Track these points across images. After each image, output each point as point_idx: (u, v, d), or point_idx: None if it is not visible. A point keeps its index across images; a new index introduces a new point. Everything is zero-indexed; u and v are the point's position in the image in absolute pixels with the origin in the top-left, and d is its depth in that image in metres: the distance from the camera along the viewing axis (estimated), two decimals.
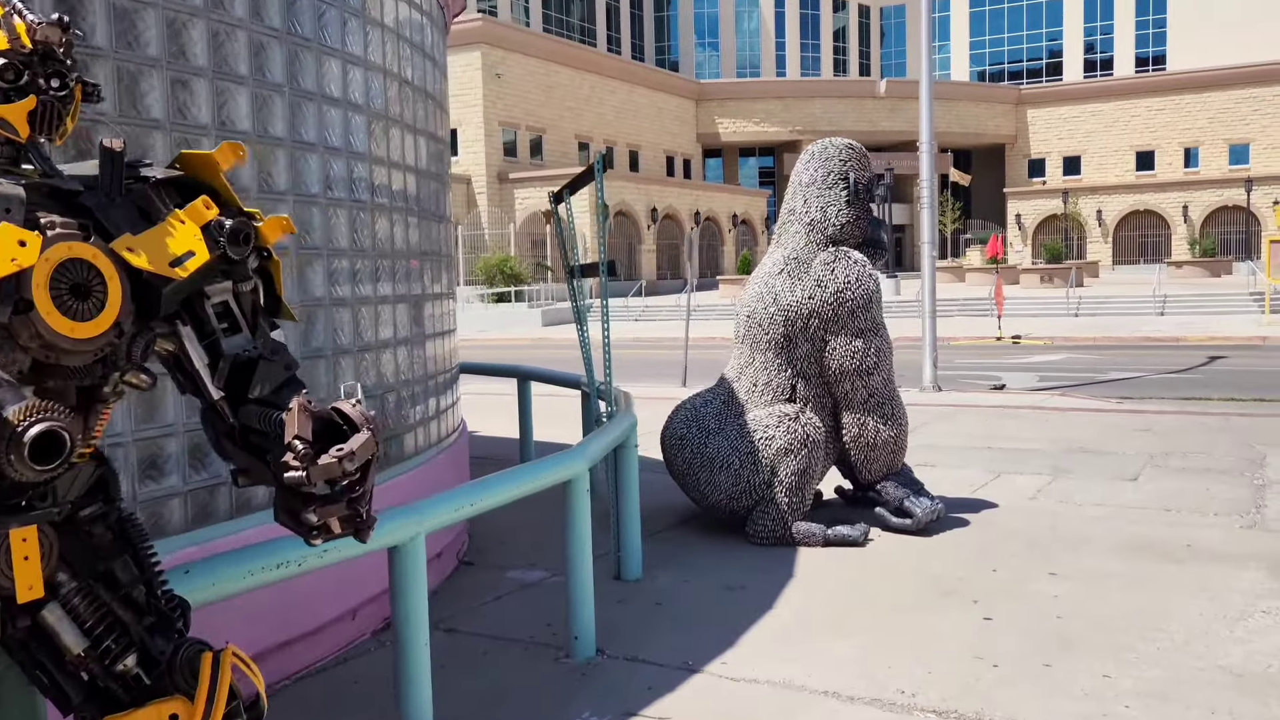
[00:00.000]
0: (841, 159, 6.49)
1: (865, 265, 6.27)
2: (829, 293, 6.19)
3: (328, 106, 5.02)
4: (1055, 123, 68.59)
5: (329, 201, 5.01)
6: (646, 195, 50.09)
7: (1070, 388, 15.54)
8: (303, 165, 4.93)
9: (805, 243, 6.46)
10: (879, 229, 6.59)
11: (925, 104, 15.26)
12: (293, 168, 4.77)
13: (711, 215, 56.07)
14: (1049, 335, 25.88)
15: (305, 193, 4.88)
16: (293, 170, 4.76)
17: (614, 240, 47.98)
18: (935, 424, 11.45)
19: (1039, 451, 9.46)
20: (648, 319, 38.74)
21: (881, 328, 6.33)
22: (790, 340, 6.29)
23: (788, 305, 6.26)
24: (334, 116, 5.10)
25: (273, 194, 4.63)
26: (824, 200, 6.44)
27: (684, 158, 63.40)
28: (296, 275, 4.77)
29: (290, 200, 4.80)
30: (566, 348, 29.10)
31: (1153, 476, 8.17)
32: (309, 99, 4.85)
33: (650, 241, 50.47)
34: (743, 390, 6.47)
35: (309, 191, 4.91)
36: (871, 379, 6.22)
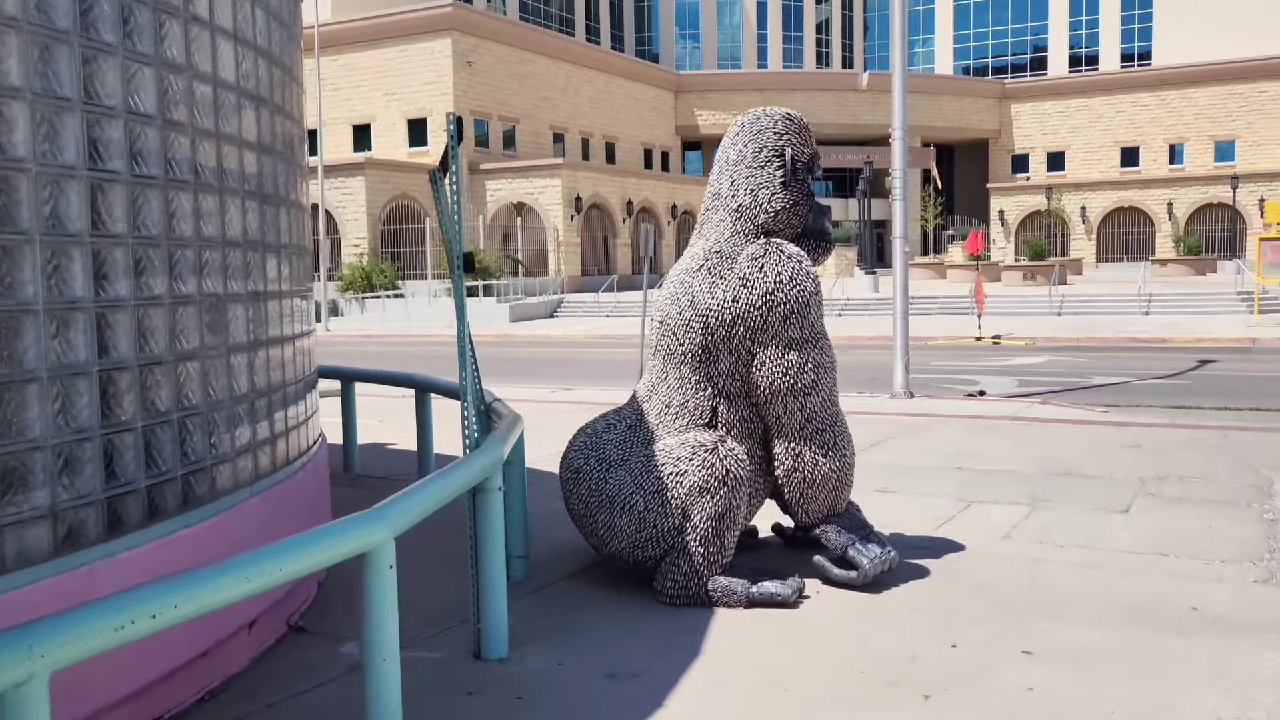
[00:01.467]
0: (776, 131, 5.33)
1: (802, 261, 5.11)
2: (756, 294, 5.03)
3: (95, 52, 3.82)
4: (1039, 118, 67.67)
5: (98, 175, 3.81)
6: (622, 188, 48.84)
7: (1052, 394, 14.44)
8: (58, 125, 3.72)
9: (731, 233, 5.29)
10: (822, 217, 5.43)
11: (898, 91, 14.11)
12: (44, 128, 3.57)
13: (689, 208, 54.81)
14: (1031, 335, 24.83)
15: (57, 163, 3.67)
16: (42, 132, 3.56)
17: (589, 234, 46.76)
18: (902, 438, 10.31)
19: (1016, 474, 8.33)
20: (619, 314, 37.54)
21: (821, 338, 5.17)
22: (710, 352, 5.12)
23: (706, 309, 5.09)
24: (106, 67, 3.89)
25: None
26: (754, 181, 5.27)
27: (662, 150, 62.14)
28: (44, 268, 3.57)
29: (32, 172, 3.59)
30: (533, 345, 27.92)
31: (1146, 508, 7.05)
32: (61, 39, 3.65)
33: (625, 235, 49.21)
34: (653, 412, 5.30)
35: (63, 161, 3.71)
36: (809, 400, 5.06)
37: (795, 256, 5.12)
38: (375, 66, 46.73)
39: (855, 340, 25.21)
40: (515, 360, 22.43)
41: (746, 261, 5.09)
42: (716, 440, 4.98)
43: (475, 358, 6.62)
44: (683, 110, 63.06)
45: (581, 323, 35.22)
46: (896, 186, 13.90)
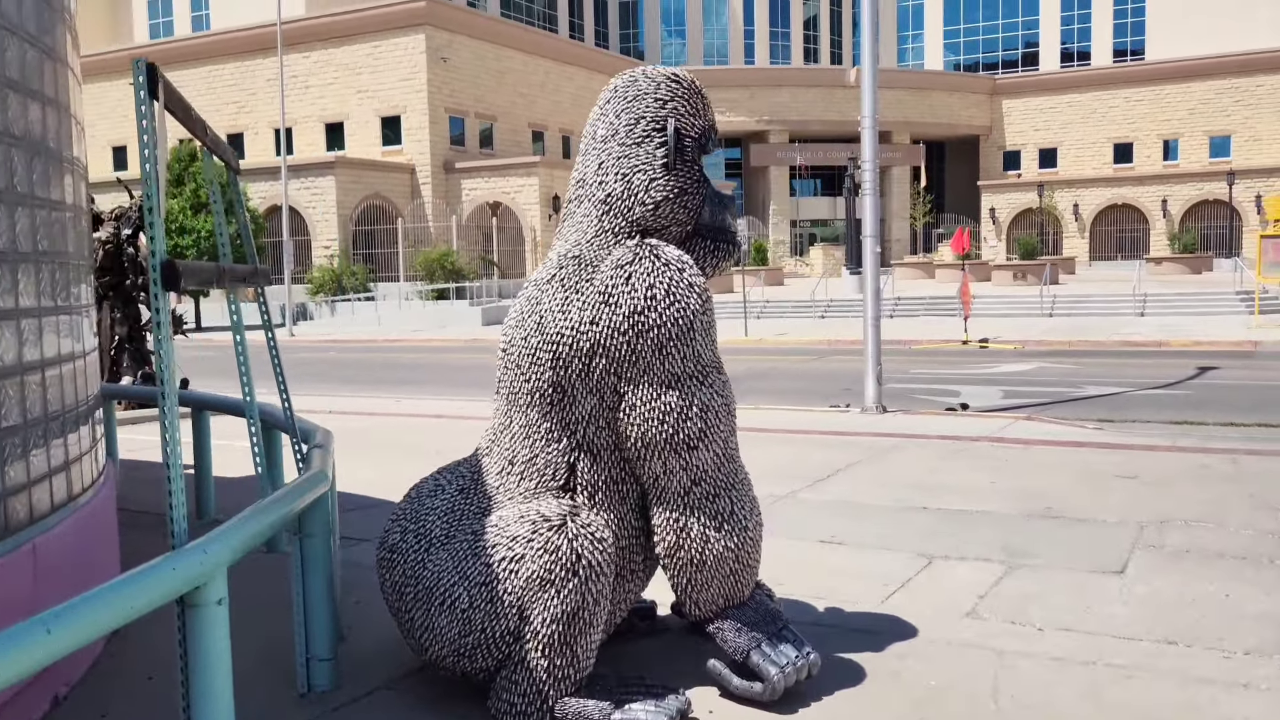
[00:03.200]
0: (658, 98, 4.03)
1: (684, 269, 3.81)
2: (621, 314, 3.73)
3: None
4: (1031, 114, 66.47)
5: None
6: None
7: (1039, 407, 13.16)
8: None
9: (595, 231, 4.00)
10: (722, 210, 4.13)
11: (868, 79, 12.82)
12: None
13: None
14: (1020, 338, 23.56)
15: None
16: None
17: None
18: (864, 466, 9.01)
19: (990, 516, 7.02)
20: None
21: (711, 372, 3.87)
22: (564, 392, 3.83)
23: (557, 334, 3.79)
24: None
25: None
26: (628, 163, 3.98)
27: None
28: None
29: None
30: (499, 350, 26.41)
31: (1146, 566, 5.74)
32: None
33: None
34: (493, 471, 4.00)
35: None
36: (695, 456, 3.77)
37: (675, 263, 3.81)
38: (348, 63, 45.38)
39: (836, 344, 23.93)
40: (471, 367, 21.10)
41: (610, 270, 3.79)
42: (566, 513, 3.67)
43: (283, 379, 5.31)
44: None
45: None
46: (866, 181, 12.61)
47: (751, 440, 10.62)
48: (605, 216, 3.99)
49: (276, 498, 3.69)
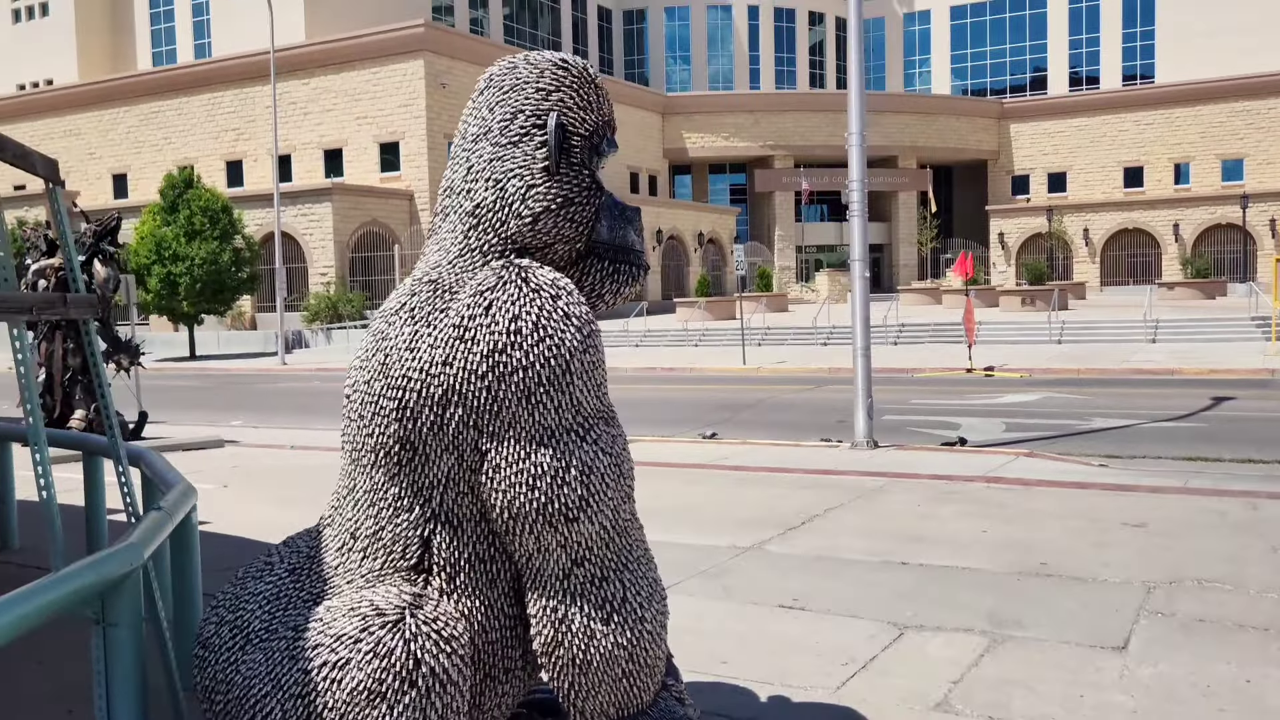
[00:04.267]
0: (539, 88, 3.29)
1: (559, 297, 3.06)
2: (478, 353, 2.98)
3: None
4: (1039, 138, 65.77)
5: None
6: None
7: (1042, 442, 12.33)
8: None
9: (460, 249, 3.26)
10: (624, 225, 3.38)
11: (855, 93, 12.11)
12: None
13: (676, 234, 52.93)
14: (1027, 366, 22.71)
15: None
16: None
17: None
18: (846, 511, 8.20)
19: (978, 574, 6.21)
20: None
21: (596, 424, 3.11)
22: (414, 449, 3.08)
23: (404, 377, 3.05)
24: None
25: None
26: (501, 167, 3.24)
27: (649, 173, 60.28)
28: None
29: None
30: None
31: (1152, 641, 4.93)
32: None
33: None
34: (333, 546, 3.25)
35: None
36: (577, 529, 3.01)
37: (548, 289, 3.06)
38: (347, 89, 45.03)
39: (836, 373, 23.12)
40: None
41: (468, 298, 3.04)
42: (406, 605, 2.91)
43: (112, 421, 4.56)
44: (671, 133, 61.30)
45: None
46: (854, 202, 11.86)
47: (727, 480, 9.86)
48: (473, 232, 3.25)
49: (41, 584, 2.92)
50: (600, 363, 3.15)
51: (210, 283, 35.40)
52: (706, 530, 7.61)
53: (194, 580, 4.54)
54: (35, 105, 53.98)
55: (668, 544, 7.19)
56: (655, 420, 15.94)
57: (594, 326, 3.13)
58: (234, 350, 38.37)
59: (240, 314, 41.48)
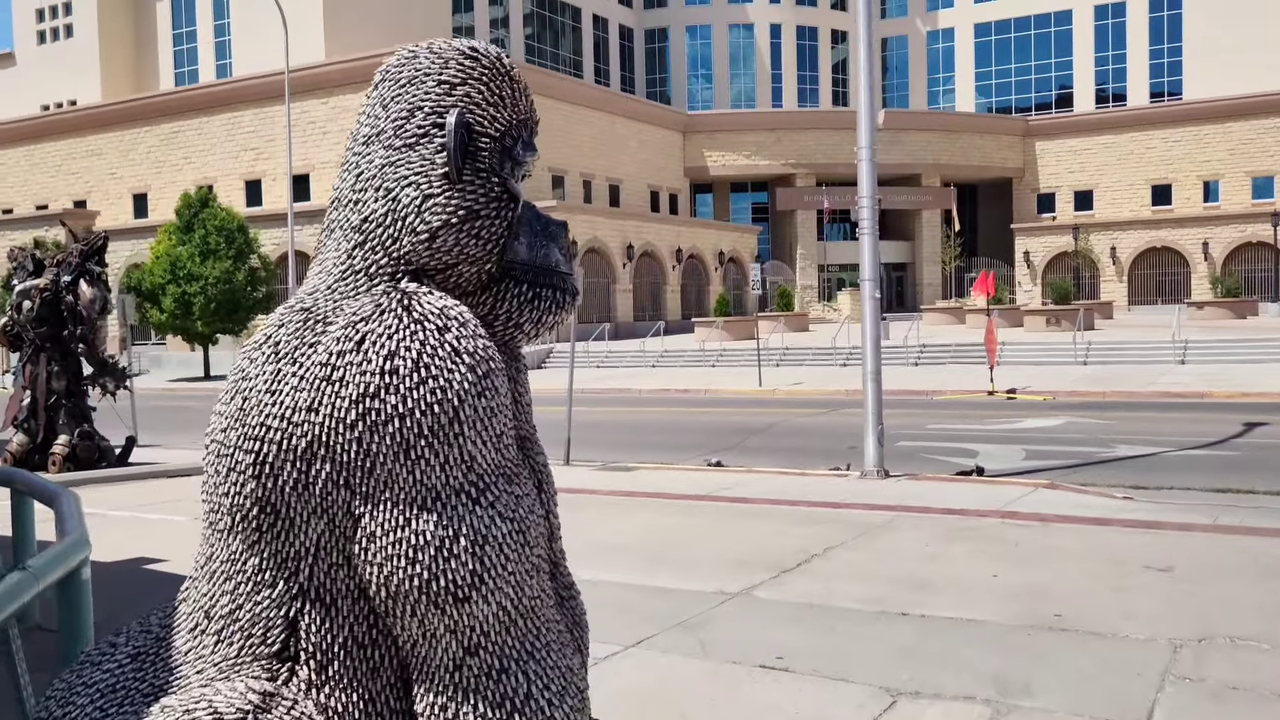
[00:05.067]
0: (444, 80, 2.75)
1: (449, 331, 2.52)
2: (347, 397, 2.44)
3: None
4: (1065, 155, 64.92)
5: None
6: (622, 231, 46.54)
7: (1064, 471, 11.70)
8: None
9: (343, 272, 2.72)
10: (547, 243, 2.84)
11: (864, 102, 11.60)
12: None
13: (696, 253, 52.45)
14: (1051, 388, 22.01)
15: None
16: None
17: (587, 280, 44.39)
18: (847, 549, 7.64)
19: (985, 628, 5.63)
20: (610, 365, 35.06)
21: (495, 484, 2.56)
22: (275, 512, 2.54)
23: (261, 425, 2.51)
24: None
25: None
26: (394, 173, 2.70)
27: (670, 192, 59.92)
28: None
29: None
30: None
31: (1178, 713, 4.34)
32: None
33: (626, 280, 46.80)
34: (185, 627, 2.72)
35: None
36: (468, 612, 2.46)
37: (435, 319, 2.53)
38: None
39: (854, 395, 22.42)
40: None
41: (339, 330, 2.52)
42: (253, 708, 2.39)
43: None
44: (691, 151, 60.95)
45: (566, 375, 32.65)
46: (864, 219, 11.33)
47: (725, 513, 9.31)
48: (359, 250, 2.72)
49: None
50: (501, 409, 2.63)
51: (225, 302, 35.25)
52: (694, 572, 7.07)
53: (85, 644, 4.03)
54: (58, 126, 54.34)
55: (648, 589, 6.65)
56: (661, 445, 15.41)
57: (493, 365, 2.60)
58: None
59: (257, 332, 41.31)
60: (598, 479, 11.82)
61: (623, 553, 7.79)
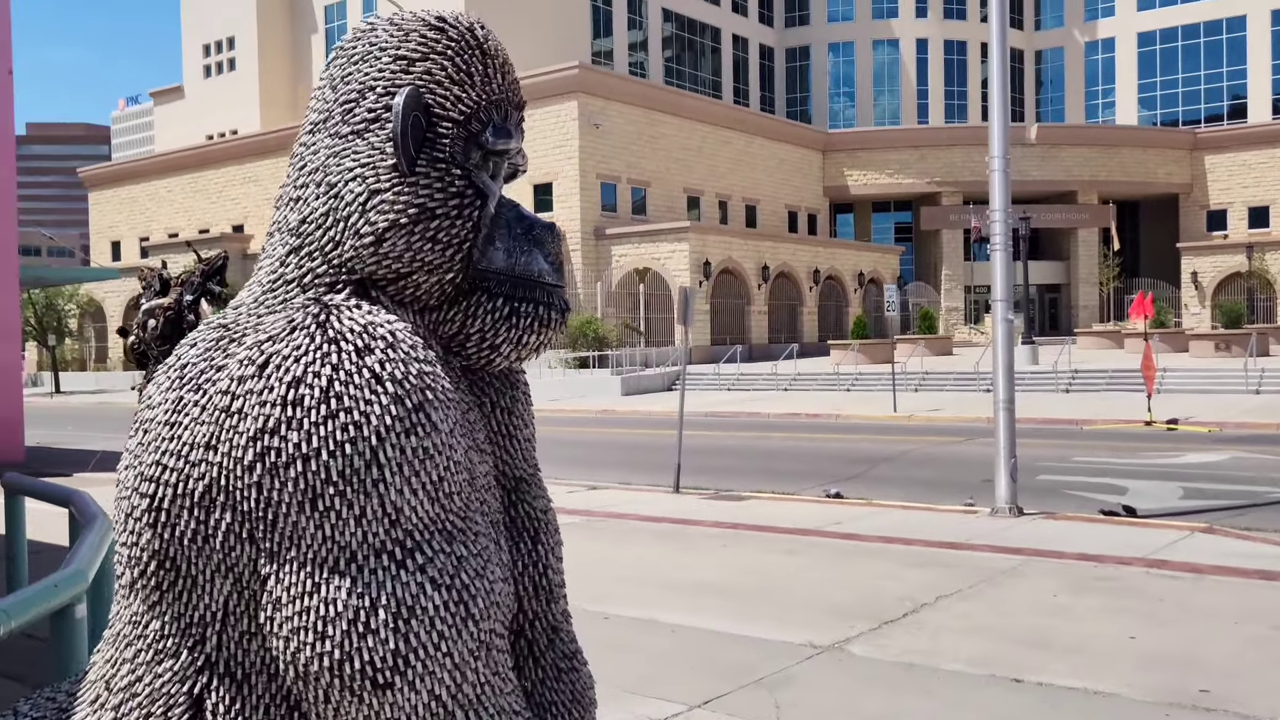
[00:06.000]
0: (400, 57, 2.25)
1: (376, 352, 2.00)
2: (245, 433, 1.96)
3: None
4: (1238, 169, 60.78)
5: None
6: (757, 251, 45.80)
7: (1226, 513, 10.47)
8: None
9: (273, 281, 2.26)
10: (529, 247, 2.31)
11: (997, 108, 10.74)
12: None
13: (834, 274, 51.21)
14: (1217, 419, 20.22)
15: None
16: None
17: (720, 300, 43.87)
18: (960, 602, 6.83)
19: (1112, 702, 4.80)
20: (741, 388, 34.35)
21: (429, 541, 2.02)
22: (176, 568, 2.08)
23: (157, 464, 2.06)
24: None
25: None
26: (338, 166, 2.22)
27: (809, 212, 58.83)
28: None
29: None
30: (622, 423, 24.83)
31: None
32: None
33: (761, 302, 46.00)
34: (86, 699, 2.29)
35: None
36: (392, 699, 1.93)
37: (355, 338, 2.03)
38: None
39: (967, 421, 21.19)
40: (574, 443, 19.62)
41: (246, 351, 2.05)
42: None
43: None
44: (831, 170, 59.75)
45: (698, 396, 32.14)
46: (996, 235, 10.44)
47: (833, 552, 8.57)
48: (294, 256, 2.25)
49: None
50: (440, 450, 2.10)
51: None
52: (786, 619, 6.41)
53: None
54: (219, 154, 57.30)
55: (732, 638, 6.04)
56: (780, 473, 14.69)
57: (431, 396, 2.08)
58: None
59: None
60: (706, 509, 11.24)
61: (714, 594, 7.20)
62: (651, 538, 9.65)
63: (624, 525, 10.32)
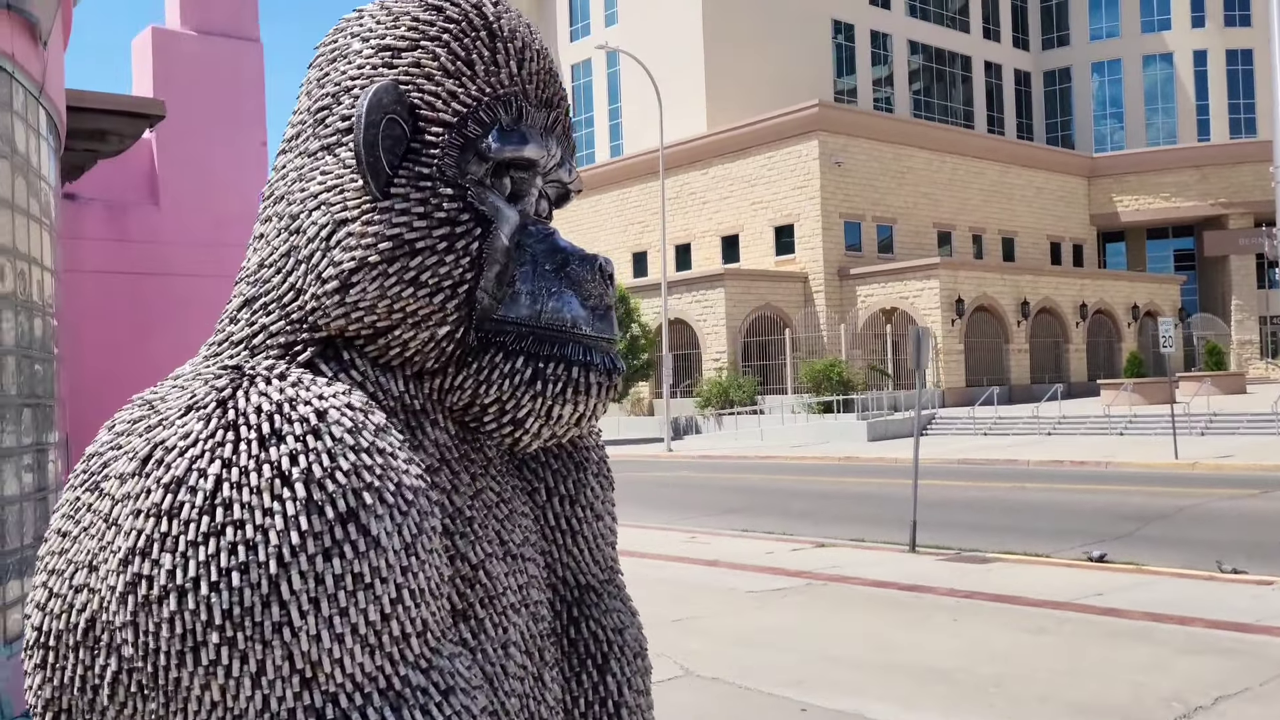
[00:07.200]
0: (386, 48, 1.69)
1: (290, 442, 1.40)
2: (117, 553, 1.43)
3: None
4: None
5: None
6: (1015, 286, 42.99)
7: None
8: None
9: (222, 340, 1.74)
10: (562, 288, 1.66)
11: None
12: None
13: (1104, 307, 47.30)
14: None
15: None
16: None
17: (975, 340, 41.43)
18: (1247, 701, 5.52)
19: None
20: (998, 432, 32.09)
21: (365, 709, 1.41)
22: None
23: (44, 587, 1.57)
24: None
25: None
26: (304, 191, 1.69)
27: (1074, 242, 54.88)
28: None
29: None
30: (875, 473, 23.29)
31: None
32: None
33: (1020, 340, 43.06)
34: None
35: None
36: None
37: (262, 421, 1.45)
38: (743, 176, 45.61)
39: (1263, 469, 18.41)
40: (809, 494, 18.63)
41: (136, 441, 1.54)
42: None
43: None
44: (1098, 197, 55.61)
45: (950, 442, 30.25)
46: None
47: (1089, 631, 7.19)
48: (248, 309, 1.73)
49: None
50: (378, 575, 1.45)
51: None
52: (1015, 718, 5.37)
53: None
54: None
55: None
56: (1035, 531, 13.19)
57: (365, 499, 1.44)
58: (632, 435, 39.39)
59: (639, 400, 42.72)
60: (943, 573, 10.11)
61: (938, 681, 6.22)
62: (875, 606, 8.69)
63: (846, 591, 9.40)
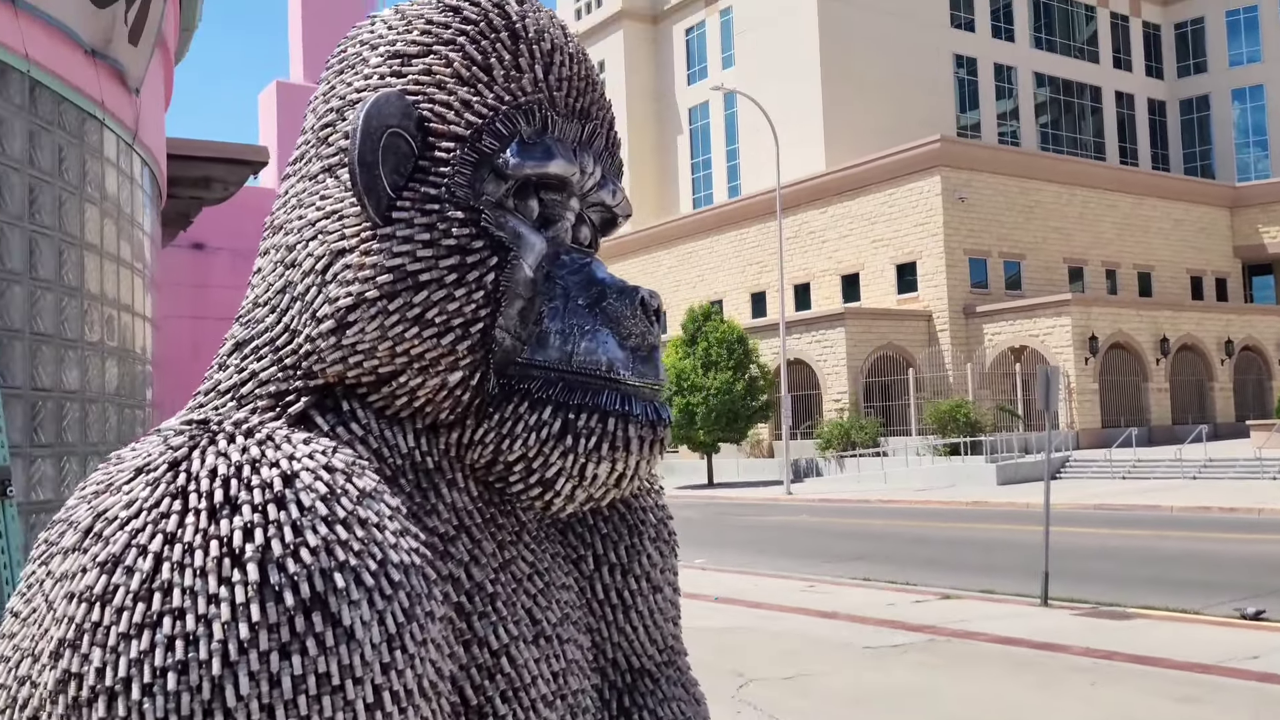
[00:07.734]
0: (391, 56, 1.48)
1: (245, 513, 1.16)
2: (46, 645, 1.22)
3: None
4: None
5: None
6: (1154, 323, 40.93)
7: None
8: None
9: (205, 393, 1.53)
10: (597, 325, 1.41)
11: None
12: None
13: (1252, 343, 44.64)
14: None
15: None
16: None
17: (1111, 379, 39.56)
18: None
19: None
20: (1138, 475, 30.44)
21: None
22: None
23: (5, 671, 1.37)
24: None
25: None
26: (302, 219, 1.48)
27: (1216, 275, 52.11)
28: None
29: None
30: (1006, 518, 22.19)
31: None
32: None
33: (1160, 378, 40.92)
34: None
35: None
36: None
37: (217, 485, 1.20)
38: (863, 214, 44.87)
39: None
40: (935, 540, 17.83)
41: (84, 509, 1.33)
42: None
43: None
44: (1243, 228, 52.78)
45: (1085, 486, 28.80)
46: None
47: (1246, 699, 6.52)
48: (238, 354, 1.52)
49: None
50: (351, 674, 1.20)
51: (725, 412, 36.34)
52: None
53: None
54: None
55: None
56: (1180, 583, 12.26)
57: (336, 582, 1.18)
58: (751, 478, 38.83)
59: (758, 441, 42.11)
60: (1077, 629, 9.41)
61: None
62: (1001, 667, 8.10)
63: (970, 648, 8.81)
